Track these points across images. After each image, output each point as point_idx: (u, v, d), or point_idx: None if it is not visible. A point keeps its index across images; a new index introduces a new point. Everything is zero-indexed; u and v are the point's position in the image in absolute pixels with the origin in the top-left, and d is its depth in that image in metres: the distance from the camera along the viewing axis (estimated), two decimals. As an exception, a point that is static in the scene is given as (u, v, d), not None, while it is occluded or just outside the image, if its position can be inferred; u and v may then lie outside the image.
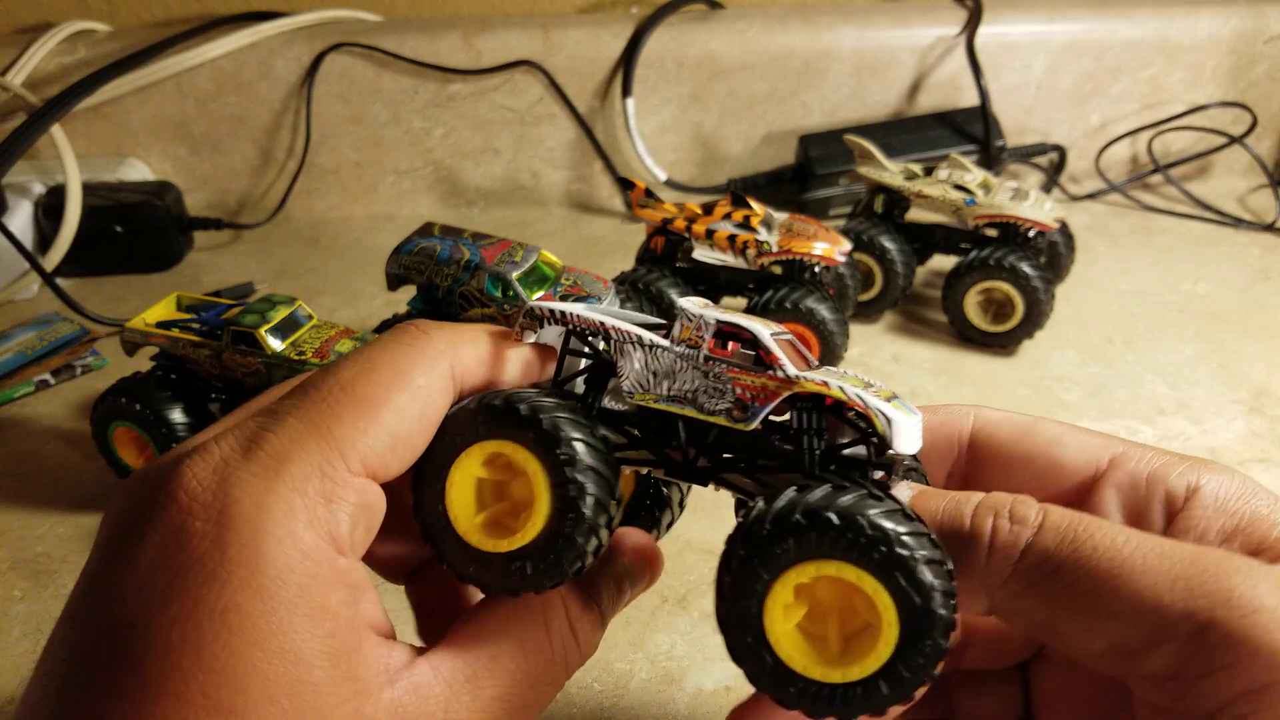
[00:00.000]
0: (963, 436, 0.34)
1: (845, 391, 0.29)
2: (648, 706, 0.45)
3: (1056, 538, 0.27)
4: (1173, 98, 1.02)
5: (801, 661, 0.27)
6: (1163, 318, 0.79)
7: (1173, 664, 0.25)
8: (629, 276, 0.71)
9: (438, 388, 0.29)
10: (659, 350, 0.31)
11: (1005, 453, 0.34)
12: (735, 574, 0.28)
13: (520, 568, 0.29)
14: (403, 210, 1.03)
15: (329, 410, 0.27)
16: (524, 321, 0.32)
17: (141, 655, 0.24)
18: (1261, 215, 0.97)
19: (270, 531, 0.25)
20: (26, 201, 0.88)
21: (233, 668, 0.24)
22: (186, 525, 0.25)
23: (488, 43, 0.97)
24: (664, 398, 0.31)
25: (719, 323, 0.31)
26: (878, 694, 0.27)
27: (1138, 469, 0.31)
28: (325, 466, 0.26)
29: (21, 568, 0.54)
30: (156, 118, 0.97)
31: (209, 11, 1.02)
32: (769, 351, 0.30)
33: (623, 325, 0.31)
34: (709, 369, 0.30)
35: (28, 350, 0.73)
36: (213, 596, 0.24)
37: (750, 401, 0.30)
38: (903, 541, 0.26)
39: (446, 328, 0.31)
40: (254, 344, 0.55)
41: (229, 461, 0.26)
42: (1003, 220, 0.74)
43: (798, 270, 0.69)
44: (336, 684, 0.25)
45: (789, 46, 0.98)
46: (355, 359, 0.29)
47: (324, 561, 0.26)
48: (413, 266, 0.62)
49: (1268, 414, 0.66)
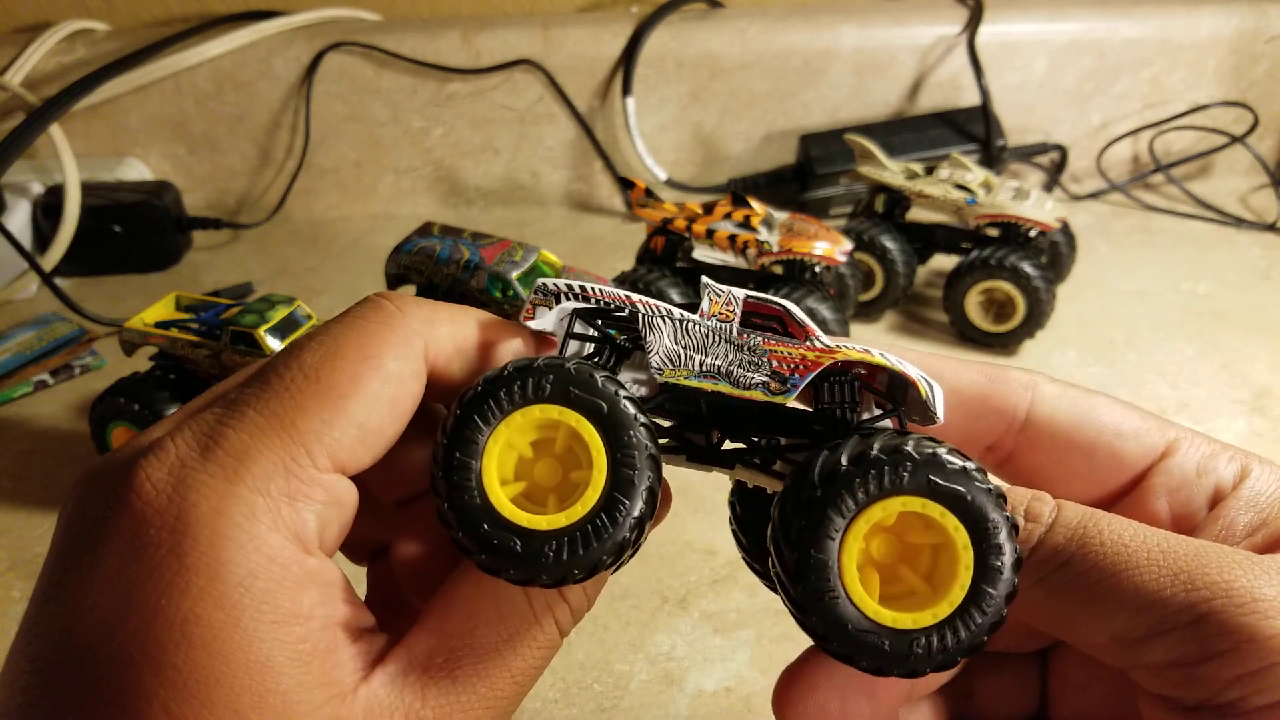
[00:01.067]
0: (1017, 412, 0.32)
1: (888, 359, 0.28)
2: (648, 707, 0.45)
3: (1066, 535, 0.27)
4: (1174, 97, 1.02)
5: (873, 608, 0.26)
6: (1164, 318, 0.79)
7: (1173, 653, 0.25)
8: (629, 276, 0.70)
9: (410, 371, 0.27)
10: (689, 324, 0.29)
11: (1063, 439, 0.32)
12: (808, 513, 0.26)
13: (554, 550, 0.26)
14: (402, 210, 1.03)
15: (292, 401, 0.25)
16: (535, 298, 0.29)
17: (103, 672, 0.23)
18: (1263, 215, 0.97)
19: (230, 536, 0.24)
20: (25, 201, 0.88)
21: (196, 682, 0.23)
22: (141, 532, 0.24)
23: (487, 42, 0.97)
24: (695, 373, 0.29)
25: (748, 298, 0.29)
26: (955, 634, 0.26)
27: (1188, 459, 0.31)
28: (289, 464, 0.25)
29: (20, 568, 0.54)
30: (155, 117, 0.97)
31: (208, 11, 1.02)
32: (801, 324, 0.29)
33: (652, 300, 0.29)
34: (744, 341, 0.29)
35: (26, 350, 0.73)
36: (171, 608, 0.23)
37: (790, 373, 0.29)
38: (975, 476, 0.26)
39: (423, 304, 0.29)
40: (253, 344, 0.55)
41: (185, 462, 0.24)
42: (1004, 220, 0.74)
43: (798, 270, 0.69)
44: (308, 690, 0.24)
45: (789, 46, 0.98)
46: (320, 340, 0.27)
47: (291, 564, 0.24)
48: (412, 266, 0.62)
49: (1269, 414, 0.66)
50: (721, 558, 0.53)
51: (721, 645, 0.48)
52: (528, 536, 0.26)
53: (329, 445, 0.25)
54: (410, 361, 0.27)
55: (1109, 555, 0.26)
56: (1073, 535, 0.27)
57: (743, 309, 0.29)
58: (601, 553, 0.26)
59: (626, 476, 0.26)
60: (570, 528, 0.26)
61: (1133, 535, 0.27)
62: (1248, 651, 0.24)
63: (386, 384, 0.26)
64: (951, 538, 0.26)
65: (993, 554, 0.26)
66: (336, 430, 0.25)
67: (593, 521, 0.26)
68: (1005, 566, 0.26)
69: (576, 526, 0.26)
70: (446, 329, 0.28)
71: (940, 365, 0.33)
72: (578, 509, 0.26)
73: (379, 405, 0.26)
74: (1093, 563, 0.26)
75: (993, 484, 0.27)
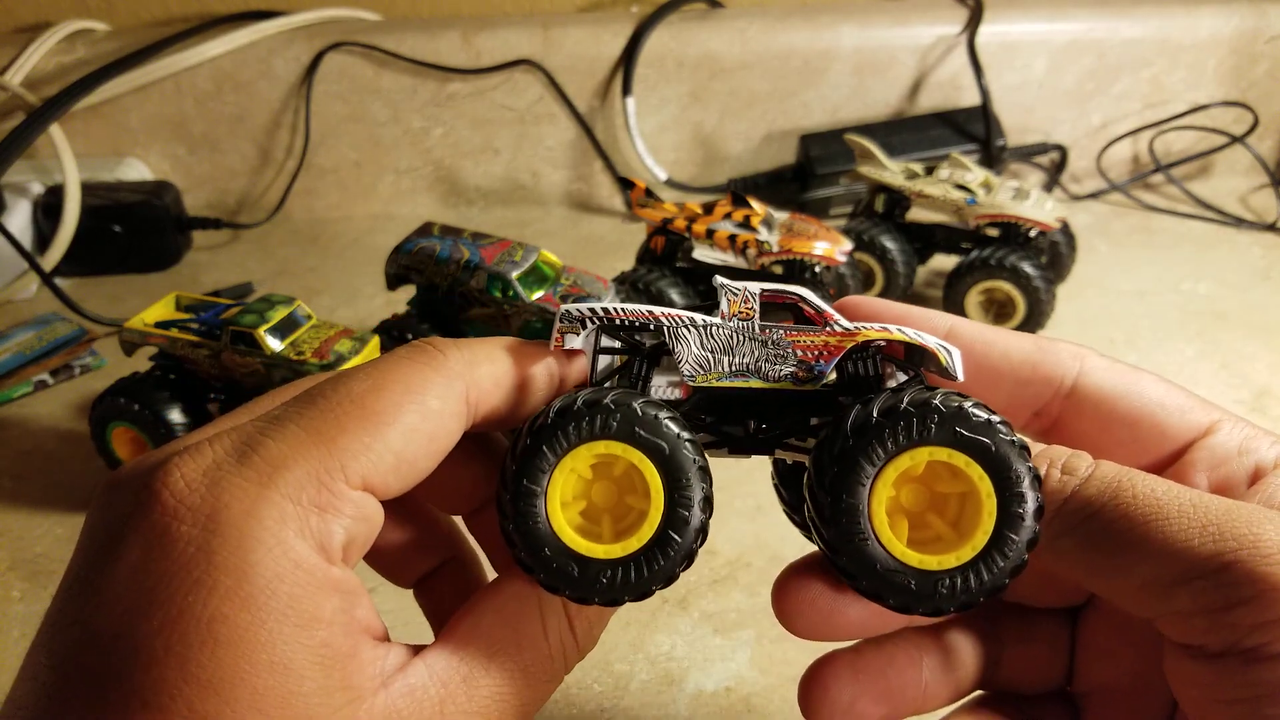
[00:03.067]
0: (1065, 380, 0.34)
1: (906, 333, 0.30)
2: (648, 707, 0.45)
3: (1101, 486, 0.28)
4: (1174, 97, 1.02)
5: (901, 549, 0.28)
6: (1164, 318, 0.79)
7: (1199, 600, 0.26)
8: (629, 276, 0.70)
9: (450, 411, 0.29)
10: (713, 328, 0.30)
11: (1108, 408, 0.33)
12: (840, 462, 0.28)
13: (609, 577, 0.28)
14: (402, 210, 1.03)
15: (334, 421, 0.26)
16: (563, 326, 0.31)
17: (126, 667, 0.23)
18: (1263, 215, 0.97)
19: (260, 539, 0.24)
20: (25, 201, 0.88)
21: (220, 680, 0.23)
22: (171, 528, 0.24)
23: (487, 42, 0.97)
24: (726, 374, 0.31)
25: (764, 291, 0.31)
26: (979, 576, 0.28)
27: (1230, 438, 0.32)
28: (323, 475, 0.25)
29: (20, 568, 0.54)
30: (155, 117, 0.97)
31: (208, 11, 1.02)
32: (819, 310, 0.31)
33: (673, 311, 0.31)
34: (767, 336, 0.30)
35: (26, 350, 0.73)
36: (199, 606, 0.23)
37: (815, 361, 0.31)
38: (1000, 429, 0.28)
39: (463, 346, 0.30)
40: (253, 344, 0.55)
41: (221, 464, 0.25)
42: (1004, 220, 0.74)
43: (798, 270, 0.69)
44: (329, 693, 0.25)
45: (789, 46, 0.98)
46: (369, 372, 0.28)
47: (316, 570, 0.25)
48: (412, 266, 0.62)
49: (1269, 414, 0.66)
50: (721, 558, 0.53)
51: (721, 645, 0.48)
52: (585, 563, 0.28)
53: (364, 466, 0.26)
54: (451, 402, 0.29)
55: (1140, 506, 0.27)
56: (1106, 487, 0.28)
57: (760, 302, 0.30)
58: (652, 581, 0.29)
59: (681, 516, 0.28)
60: (625, 558, 0.28)
61: (1165, 490, 0.27)
62: (1270, 599, 0.25)
63: (426, 419, 0.28)
64: (976, 486, 0.28)
65: (1015, 502, 0.27)
66: (374, 454, 0.26)
67: (647, 554, 0.28)
68: (1027, 514, 0.27)
69: (631, 557, 0.28)
70: (486, 369, 0.30)
71: (993, 334, 0.34)
72: (633, 542, 0.28)
73: (417, 438, 0.27)
74: (1124, 512, 0.27)
75: (1016, 437, 0.28)
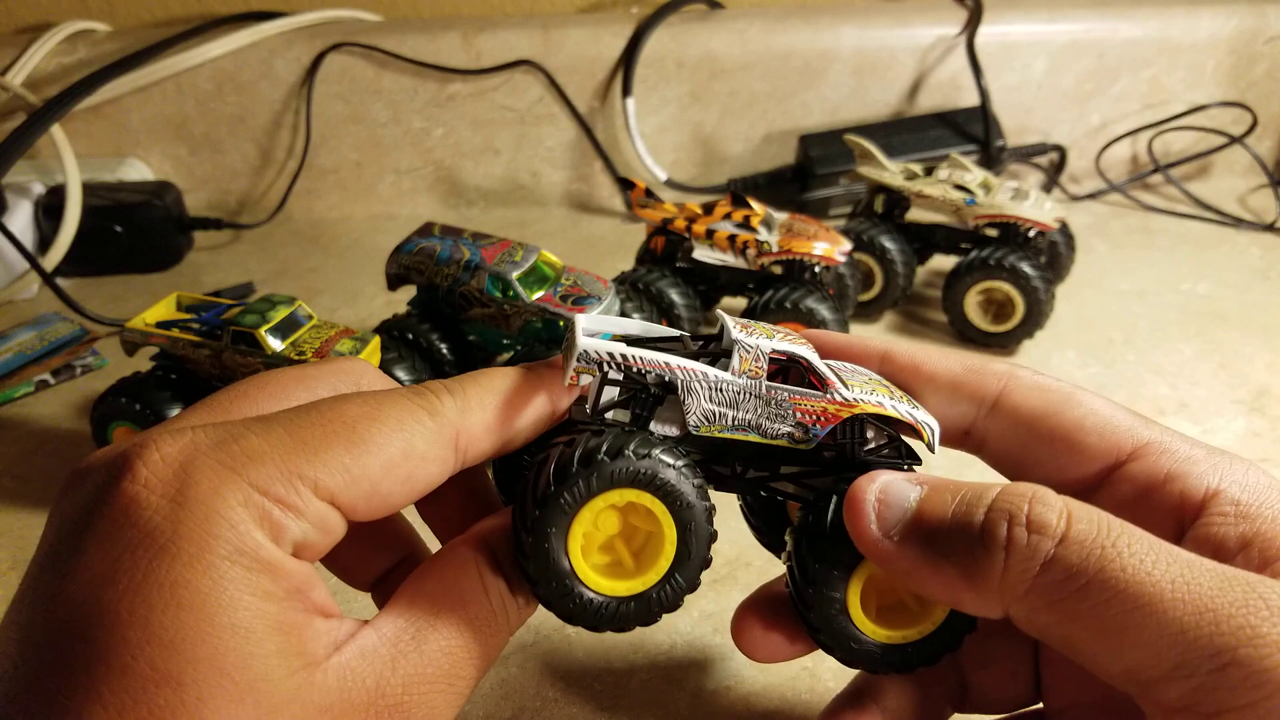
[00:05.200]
0: (986, 401, 0.34)
1: (898, 410, 0.33)
2: (648, 706, 0.45)
3: (1081, 554, 0.26)
4: (1173, 97, 1.02)
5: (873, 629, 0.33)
6: (1163, 318, 0.79)
7: (1189, 697, 0.24)
8: (629, 276, 0.71)
9: (435, 457, 0.29)
10: (723, 384, 0.32)
11: (1025, 429, 0.34)
12: (822, 560, 0.32)
13: (617, 610, 0.31)
14: (403, 210, 1.03)
15: (321, 434, 0.27)
16: (579, 366, 0.32)
17: (90, 630, 0.24)
18: (1262, 215, 0.97)
19: (223, 514, 0.25)
20: (26, 201, 0.88)
21: (182, 640, 0.24)
22: (140, 498, 0.25)
23: (488, 42, 0.97)
24: (728, 427, 0.33)
25: (774, 351, 0.32)
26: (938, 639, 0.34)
27: (1157, 466, 0.31)
28: (295, 479, 0.26)
29: (22, 567, 0.54)
30: (156, 118, 0.97)
31: (209, 11, 1.02)
32: (822, 377, 0.33)
33: (688, 364, 0.32)
34: (772, 396, 0.32)
35: (28, 350, 0.73)
36: (162, 570, 0.24)
37: (812, 424, 0.33)
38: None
39: (457, 393, 0.31)
40: (254, 344, 0.55)
41: (199, 445, 0.26)
42: (1003, 220, 0.74)
43: (798, 270, 0.69)
44: (285, 657, 0.25)
45: (789, 46, 0.98)
46: (367, 400, 0.29)
47: (273, 553, 0.26)
48: (413, 266, 0.62)
49: (1268, 414, 0.66)
50: (721, 557, 0.54)
51: (721, 645, 0.48)
52: (602, 599, 0.31)
53: (336, 484, 0.27)
54: (438, 448, 0.29)
55: (1131, 584, 0.25)
56: (1089, 555, 0.26)
57: (769, 360, 0.33)
58: (655, 612, 0.32)
59: (687, 561, 0.32)
60: (633, 596, 0.31)
61: (1155, 560, 0.25)
62: (1266, 709, 0.23)
63: (408, 459, 0.29)
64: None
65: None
66: (349, 476, 0.27)
67: (654, 593, 0.32)
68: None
69: (640, 595, 0.31)
70: (478, 416, 0.31)
71: (923, 355, 0.36)
72: (638, 584, 0.31)
73: (395, 474, 0.28)
74: (1114, 590, 0.25)
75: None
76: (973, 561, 0.28)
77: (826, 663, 0.46)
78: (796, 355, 0.32)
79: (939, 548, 0.29)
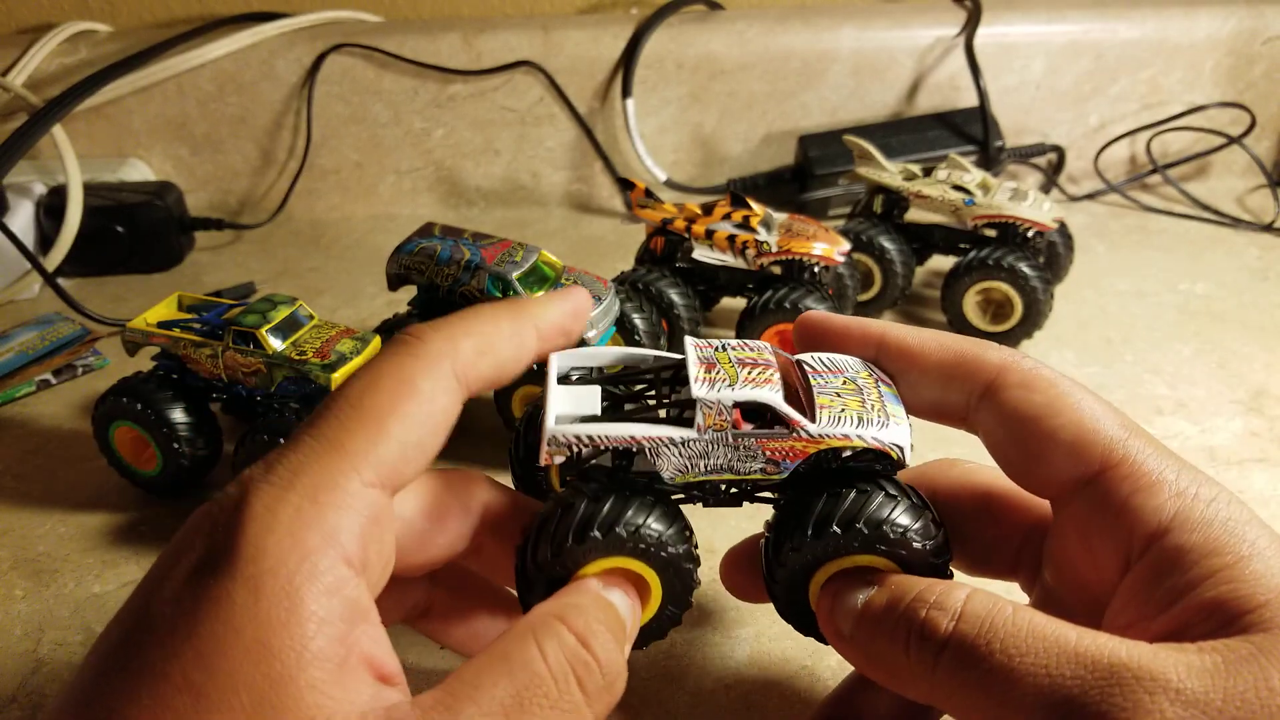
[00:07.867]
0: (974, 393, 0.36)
1: (864, 439, 0.34)
2: (647, 705, 0.45)
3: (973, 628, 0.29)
4: (1171, 98, 1.02)
5: None
6: (1161, 318, 0.79)
7: None
8: (629, 276, 0.71)
9: (441, 388, 0.31)
10: (690, 442, 0.34)
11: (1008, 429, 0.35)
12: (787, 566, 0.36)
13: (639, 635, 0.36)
14: (403, 210, 1.03)
15: (340, 426, 0.29)
16: (552, 449, 0.34)
17: (142, 636, 0.26)
18: (1260, 215, 0.97)
19: (273, 529, 0.26)
20: (28, 202, 0.88)
21: (211, 651, 0.25)
22: (202, 525, 0.27)
23: (488, 43, 0.97)
24: (702, 473, 0.35)
25: (735, 404, 0.34)
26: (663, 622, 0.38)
27: (1117, 491, 0.31)
28: (339, 478, 0.28)
29: (23, 567, 0.54)
30: (158, 118, 0.98)
31: (210, 12, 1.02)
32: (786, 418, 0.34)
33: (653, 432, 0.34)
34: (739, 443, 0.34)
35: (29, 350, 0.73)
36: (208, 582, 0.26)
37: (782, 460, 0.35)
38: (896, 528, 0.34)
39: (441, 326, 0.33)
40: (255, 344, 0.55)
41: (254, 477, 0.28)
42: (1001, 220, 0.74)
43: (797, 270, 0.69)
44: (307, 688, 0.25)
45: (789, 47, 0.98)
46: (360, 375, 0.31)
47: (323, 563, 0.27)
48: (413, 266, 0.63)
49: (1266, 414, 0.66)
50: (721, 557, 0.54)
51: (721, 644, 0.48)
52: None
53: (374, 462, 0.29)
54: (440, 379, 0.31)
55: (1008, 655, 0.28)
56: (979, 629, 0.29)
57: (734, 409, 0.34)
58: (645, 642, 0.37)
59: (670, 615, 0.37)
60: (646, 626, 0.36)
61: (1028, 637, 0.28)
62: None
63: (420, 403, 0.30)
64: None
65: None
66: (381, 448, 0.29)
67: (660, 616, 0.36)
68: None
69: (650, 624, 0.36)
70: (467, 343, 0.33)
71: (917, 342, 0.38)
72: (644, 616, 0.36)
73: (417, 422, 0.30)
74: (996, 663, 0.28)
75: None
76: (890, 659, 0.32)
77: (826, 662, 0.46)
78: (760, 402, 0.34)
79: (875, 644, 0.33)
